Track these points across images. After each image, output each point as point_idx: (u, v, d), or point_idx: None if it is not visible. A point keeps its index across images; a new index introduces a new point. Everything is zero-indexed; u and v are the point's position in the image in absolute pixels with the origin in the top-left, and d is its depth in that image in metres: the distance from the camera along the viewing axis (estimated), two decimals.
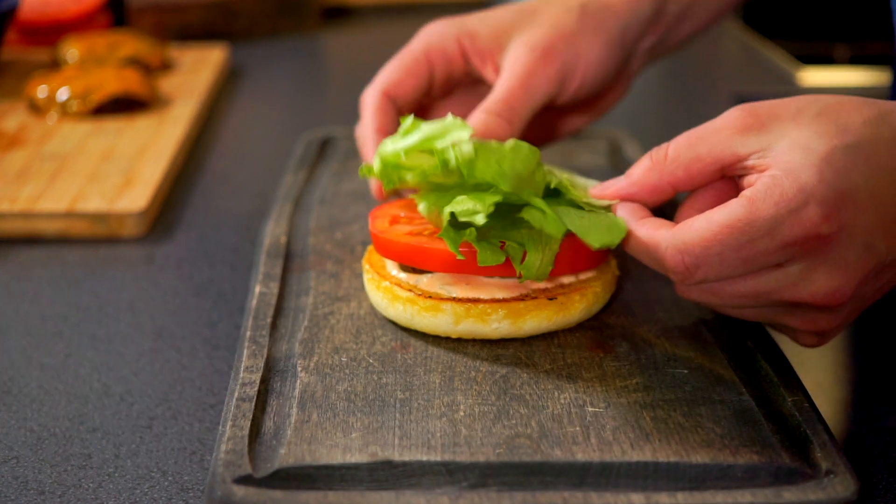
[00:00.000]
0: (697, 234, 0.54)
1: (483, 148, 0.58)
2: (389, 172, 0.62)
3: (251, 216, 0.91)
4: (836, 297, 0.54)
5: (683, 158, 0.58)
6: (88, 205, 0.88)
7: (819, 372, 0.68)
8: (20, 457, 0.59)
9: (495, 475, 0.51)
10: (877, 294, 0.58)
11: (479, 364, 0.60)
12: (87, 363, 0.69)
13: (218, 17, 1.53)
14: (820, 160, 0.53)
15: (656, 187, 0.59)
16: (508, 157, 0.58)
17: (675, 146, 0.58)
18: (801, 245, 0.53)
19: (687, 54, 1.56)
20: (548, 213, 0.58)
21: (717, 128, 0.57)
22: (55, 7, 1.40)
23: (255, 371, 0.59)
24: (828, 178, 0.52)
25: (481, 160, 0.58)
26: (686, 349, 0.62)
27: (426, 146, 0.61)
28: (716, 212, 0.54)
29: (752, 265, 0.54)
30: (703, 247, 0.54)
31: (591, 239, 0.58)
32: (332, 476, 0.51)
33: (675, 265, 0.55)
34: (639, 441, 0.53)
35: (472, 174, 0.58)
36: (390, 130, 0.71)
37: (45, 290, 0.79)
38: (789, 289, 0.55)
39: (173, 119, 1.10)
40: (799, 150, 0.53)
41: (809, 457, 0.52)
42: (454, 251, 0.58)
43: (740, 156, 0.56)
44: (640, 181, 0.59)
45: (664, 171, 0.58)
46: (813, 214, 0.52)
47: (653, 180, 0.59)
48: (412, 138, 0.62)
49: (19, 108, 1.13)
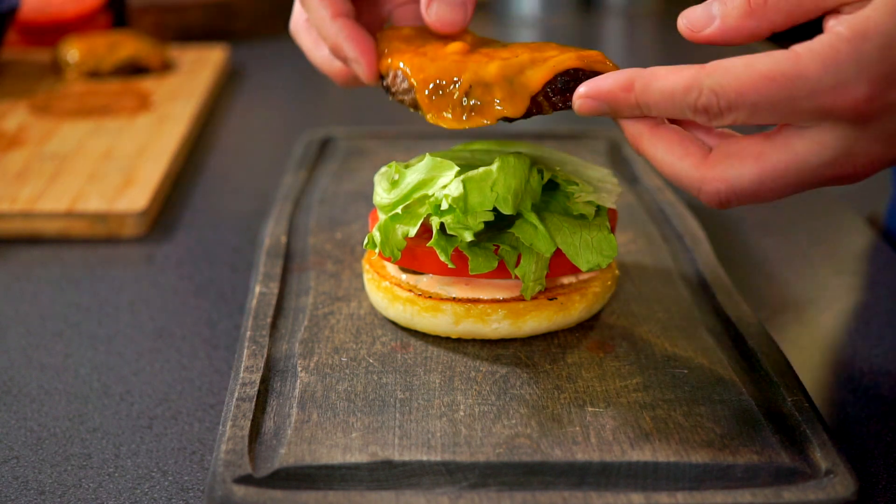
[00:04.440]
0: (737, 78, 0.51)
1: (471, 180, 0.58)
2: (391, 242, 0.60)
3: (251, 216, 0.91)
4: (873, 166, 0.52)
5: (784, 5, 0.54)
6: (88, 205, 0.88)
7: (819, 372, 0.68)
8: (20, 457, 0.59)
9: (495, 475, 0.51)
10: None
11: (479, 364, 0.60)
12: (87, 363, 0.69)
13: (218, 17, 1.53)
14: (893, 37, 0.49)
15: (754, 33, 0.55)
16: (499, 178, 0.58)
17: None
18: (839, 114, 0.50)
19: (687, 54, 1.56)
20: (539, 230, 0.58)
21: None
22: (55, 7, 1.40)
23: (255, 371, 0.59)
24: (890, 59, 0.49)
25: (473, 194, 0.57)
26: (686, 349, 0.62)
27: (416, 196, 0.60)
28: (758, 59, 0.51)
29: (786, 119, 0.51)
30: (739, 93, 0.51)
31: (581, 261, 0.58)
32: (332, 476, 0.51)
33: (708, 105, 0.52)
34: (639, 441, 0.53)
35: (470, 209, 0.58)
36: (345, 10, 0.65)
37: (45, 290, 0.79)
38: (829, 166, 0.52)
39: (173, 119, 1.10)
40: (882, 16, 0.49)
41: (809, 457, 0.52)
42: (445, 261, 0.58)
43: (842, 0, 0.52)
44: (737, 26, 0.55)
45: (764, 16, 0.54)
46: (861, 90, 0.49)
47: (751, 26, 0.55)
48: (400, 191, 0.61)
49: (19, 108, 1.13)
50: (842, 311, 0.76)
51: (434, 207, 0.58)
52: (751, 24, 0.55)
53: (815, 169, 0.52)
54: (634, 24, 1.73)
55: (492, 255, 0.59)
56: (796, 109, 0.51)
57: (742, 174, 0.52)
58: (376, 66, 0.64)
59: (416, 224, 0.59)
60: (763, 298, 0.75)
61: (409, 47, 0.62)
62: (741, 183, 0.53)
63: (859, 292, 0.79)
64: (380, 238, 0.60)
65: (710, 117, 0.52)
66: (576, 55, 0.58)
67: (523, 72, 0.57)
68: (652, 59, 1.55)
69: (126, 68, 1.25)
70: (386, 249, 0.60)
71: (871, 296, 0.77)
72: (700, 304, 0.67)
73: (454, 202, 0.57)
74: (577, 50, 0.59)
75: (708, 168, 0.53)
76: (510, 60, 0.58)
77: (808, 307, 0.76)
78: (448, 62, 0.59)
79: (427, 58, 0.60)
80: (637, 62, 0.60)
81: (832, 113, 0.50)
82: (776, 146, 0.52)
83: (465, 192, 0.57)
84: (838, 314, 0.75)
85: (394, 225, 0.60)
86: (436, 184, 0.60)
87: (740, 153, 0.53)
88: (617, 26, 1.72)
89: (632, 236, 0.77)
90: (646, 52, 1.61)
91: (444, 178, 0.60)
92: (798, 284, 0.79)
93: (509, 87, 0.57)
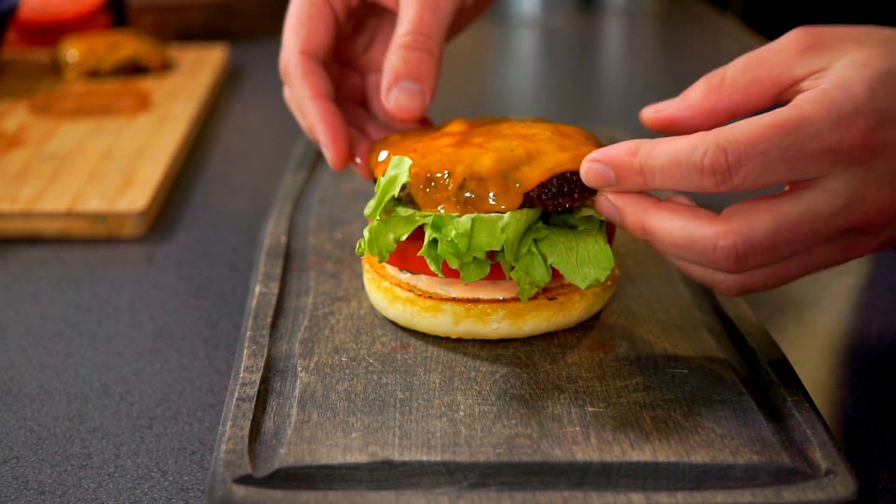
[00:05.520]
0: (743, 131, 0.51)
1: (481, 220, 0.57)
2: (380, 243, 0.60)
3: (251, 216, 0.91)
4: (885, 213, 0.52)
5: (741, 81, 0.56)
6: (88, 205, 0.88)
7: (819, 372, 0.68)
8: (20, 457, 0.59)
9: (495, 475, 0.51)
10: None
11: (479, 364, 0.60)
12: (87, 363, 0.69)
13: (218, 17, 1.53)
14: (874, 77, 0.51)
15: (713, 111, 0.57)
16: (510, 223, 0.57)
17: (733, 69, 0.57)
18: (846, 153, 0.51)
19: (687, 54, 1.57)
20: (535, 257, 0.58)
21: (777, 49, 0.56)
22: (55, 7, 1.40)
23: (255, 371, 0.59)
24: (879, 94, 0.51)
25: (481, 233, 0.57)
26: (686, 349, 0.62)
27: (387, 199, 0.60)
28: (761, 115, 0.51)
29: (796, 170, 0.51)
30: (748, 143, 0.50)
31: (578, 278, 0.58)
32: (332, 476, 0.51)
33: (716, 163, 0.50)
34: (639, 441, 0.53)
35: (473, 247, 0.57)
36: (326, 90, 0.68)
37: (45, 290, 0.79)
38: (843, 213, 0.52)
39: (173, 119, 1.10)
40: (855, 66, 0.52)
41: (809, 457, 0.52)
42: (436, 271, 0.58)
43: (798, 77, 0.55)
44: (697, 105, 0.58)
45: (721, 94, 0.57)
46: (861, 123, 0.51)
47: (709, 104, 0.57)
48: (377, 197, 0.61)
49: (19, 108, 1.13)
50: (842, 311, 0.76)
51: (433, 224, 0.58)
52: (710, 102, 0.57)
53: (829, 218, 0.52)
54: (634, 24, 1.73)
55: (483, 262, 0.58)
56: (805, 153, 0.51)
57: (756, 225, 0.52)
58: (345, 154, 0.66)
59: (409, 230, 0.59)
60: (763, 298, 0.75)
61: (401, 142, 0.63)
62: (757, 234, 0.51)
63: (859, 292, 0.79)
64: (368, 237, 0.60)
65: (719, 179, 0.51)
66: (573, 155, 0.58)
67: (519, 168, 0.58)
68: (652, 59, 1.55)
69: (126, 68, 1.25)
70: (374, 249, 0.60)
71: (871, 296, 0.77)
72: (700, 304, 0.67)
73: (457, 238, 0.57)
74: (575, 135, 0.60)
75: (721, 222, 0.52)
76: (505, 154, 0.58)
77: (808, 307, 0.76)
78: (441, 155, 0.59)
79: (419, 153, 0.60)
80: (637, 62, 0.60)
81: (840, 151, 0.51)
82: (788, 199, 0.52)
83: (472, 231, 0.57)
84: (838, 314, 0.75)
85: (385, 229, 0.60)
86: (397, 183, 0.60)
87: (752, 207, 0.52)
88: (617, 26, 1.72)
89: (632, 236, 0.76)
90: (646, 52, 1.61)
91: (402, 176, 0.59)
92: (798, 284, 0.79)
93: (503, 182, 0.57)
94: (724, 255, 0.52)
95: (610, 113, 1.30)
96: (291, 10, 0.70)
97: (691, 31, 1.70)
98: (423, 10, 0.66)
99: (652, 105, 0.60)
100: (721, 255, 0.52)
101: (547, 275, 0.58)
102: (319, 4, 0.69)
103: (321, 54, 0.69)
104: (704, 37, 1.66)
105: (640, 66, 1.53)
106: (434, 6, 0.66)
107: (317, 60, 0.69)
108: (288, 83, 0.70)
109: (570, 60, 1.57)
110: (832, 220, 0.52)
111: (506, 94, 1.38)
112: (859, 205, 0.52)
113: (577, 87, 1.42)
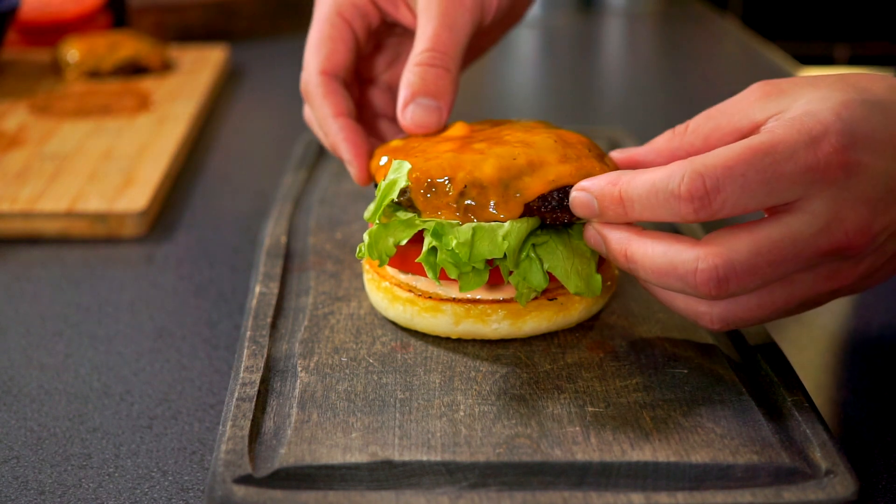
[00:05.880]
0: (720, 156, 0.52)
1: (481, 229, 0.57)
2: (380, 247, 0.60)
3: (251, 216, 0.91)
4: (865, 234, 0.52)
5: (703, 129, 0.59)
6: (88, 205, 0.88)
7: (819, 372, 0.68)
8: (20, 457, 0.59)
9: (495, 475, 0.51)
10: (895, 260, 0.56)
11: (479, 364, 0.60)
12: (87, 363, 0.69)
13: (218, 17, 1.53)
14: (837, 104, 0.53)
15: (674, 153, 0.60)
16: (512, 230, 0.57)
17: (696, 119, 0.59)
18: (822, 171, 0.51)
19: (687, 54, 1.57)
20: (533, 262, 0.58)
21: (737, 100, 0.58)
22: (55, 7, 1.40)
23: (255, 371, 0.59)
24: (845, 118, 0.52)
25: (483, 242, 0.57)
26: (686, 349, 0.62)
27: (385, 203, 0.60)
28: (736, 143, 0.52)
29: (774, 193, 0.51)
30: (725, 167, 0.51)
31: (570, 284, 0.58)
32: (332, 476, 0.51)
33: (693, 189, 0.51)
34: (639, 441, 0.53)
35: (474, 256, 0.57)
36: (347, 109, 0.69)
37: (45, 290, 0.79)
38: (823, 233, 0.52)
39: (173, 119, 1.10)
40: (816, 100, 0.53)
41: (809, 457, 0.52)
42: (433, 278, 0.58)
43: (758, 121, 0.56)
44: (658, 148, 0.61)
45: (684, 140, 0.59)
46: (833, 141, 0.51)
47: (671, 147, 0.60)
48: (373, 204, 0.61)
49: (19, 108, 1.13)
50: (842, 312, 0.76)
51: (433, 232, 0.58)
52: (672, 146, 0.60)
53: (809, 239, 0.52)
54: (634, 24, 1.73)
55: (482, 271, 0.58)
56: (782, 174, 0.51)
57: (737, 247, 0.52)
58: (368, 170, 0.67)
59: (408, 235, 0.59)
60: None
61: (402, 146, 0.63)
62: (738, 256, 0.52)
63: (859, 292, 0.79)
64: (367, 241, 0.60)
65: (697, 205, 0.51)
66: (575, 167, 0.58)
67: (521, 178, 0.58)
68: (652, 59, 1.55)
69: (126, 68, 1.25)
70: (374, 253, 0.60)
71: (871, 296, 0.77)
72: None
73: (458, 247, 0.57)
74: (578, 144, 0.60)
75: (702, 246, 0.52)
76: (507, 161, 0.58)
77: None
78: (442, 160, 0.59)
79: (420, 158, 0.60)
80: (637, 62, 0.60)
81: (816, 169, 0.51)
82: (768, 222, 0.53)
83: (473, 240, 0.57)
84: (838, 314, 0.75)
85: (385, 233, 0.60)
86: (396, 187, 0.60)
87: (733, 231, 0.53)
88: (617, 26, 1.72)
89: None
90: (646, 52, 1.61)
91: (401, 180, 0.60)
92: None
93: (504, 191, 0.58)
94: (706, 278, 0.52)
95: (610, 113, 1.30)
96: (312, 30, 0.71)
97: (691, 31, 1.70)
98: (440, 28, 0.67)
99: (619, 150, 0.63)
100: (702, 277, 0.52)
101: (544, 280, 0.58)
102: (339, 25, 0.70)
103: (341, 74, 0.70)
104: (704, 37, 1.67)
105: (640, 66, 1.53)
106: (451, 24, 0.67)
107: (337, 80, 0.70)
108: (309, 103, 0.70)
109: (570, 60, 1.57)
110: (813, 242, 0.52)
111: (506, 94, 1.38)
112: (839, 225, 0.52)
113: (577, 87, 1.42)
